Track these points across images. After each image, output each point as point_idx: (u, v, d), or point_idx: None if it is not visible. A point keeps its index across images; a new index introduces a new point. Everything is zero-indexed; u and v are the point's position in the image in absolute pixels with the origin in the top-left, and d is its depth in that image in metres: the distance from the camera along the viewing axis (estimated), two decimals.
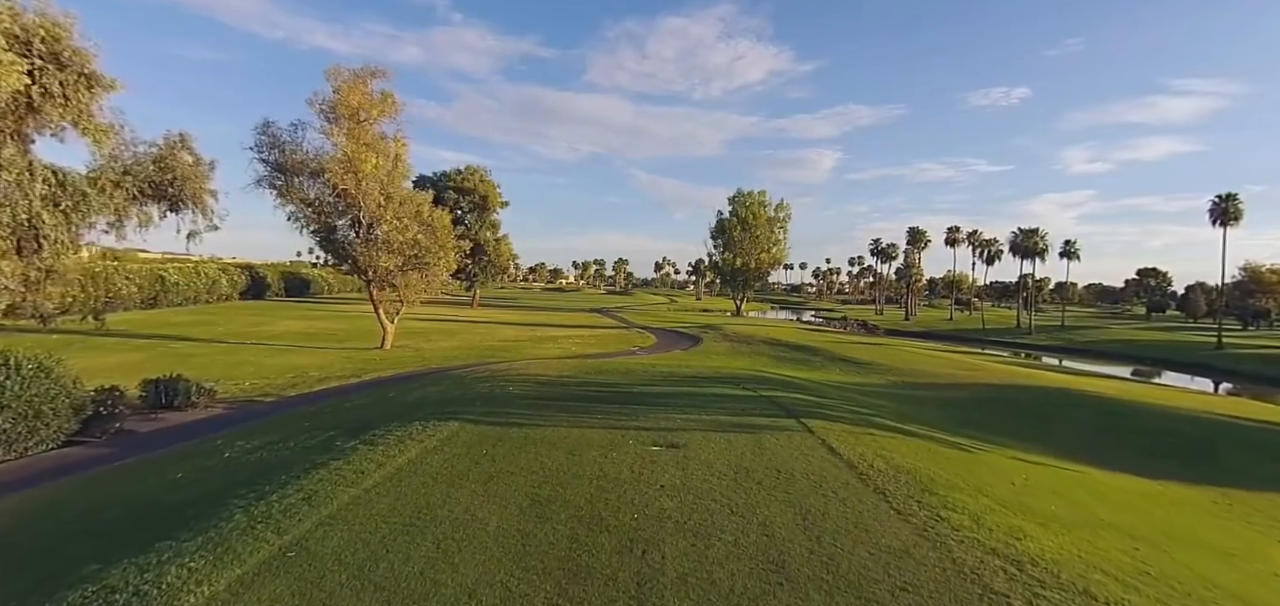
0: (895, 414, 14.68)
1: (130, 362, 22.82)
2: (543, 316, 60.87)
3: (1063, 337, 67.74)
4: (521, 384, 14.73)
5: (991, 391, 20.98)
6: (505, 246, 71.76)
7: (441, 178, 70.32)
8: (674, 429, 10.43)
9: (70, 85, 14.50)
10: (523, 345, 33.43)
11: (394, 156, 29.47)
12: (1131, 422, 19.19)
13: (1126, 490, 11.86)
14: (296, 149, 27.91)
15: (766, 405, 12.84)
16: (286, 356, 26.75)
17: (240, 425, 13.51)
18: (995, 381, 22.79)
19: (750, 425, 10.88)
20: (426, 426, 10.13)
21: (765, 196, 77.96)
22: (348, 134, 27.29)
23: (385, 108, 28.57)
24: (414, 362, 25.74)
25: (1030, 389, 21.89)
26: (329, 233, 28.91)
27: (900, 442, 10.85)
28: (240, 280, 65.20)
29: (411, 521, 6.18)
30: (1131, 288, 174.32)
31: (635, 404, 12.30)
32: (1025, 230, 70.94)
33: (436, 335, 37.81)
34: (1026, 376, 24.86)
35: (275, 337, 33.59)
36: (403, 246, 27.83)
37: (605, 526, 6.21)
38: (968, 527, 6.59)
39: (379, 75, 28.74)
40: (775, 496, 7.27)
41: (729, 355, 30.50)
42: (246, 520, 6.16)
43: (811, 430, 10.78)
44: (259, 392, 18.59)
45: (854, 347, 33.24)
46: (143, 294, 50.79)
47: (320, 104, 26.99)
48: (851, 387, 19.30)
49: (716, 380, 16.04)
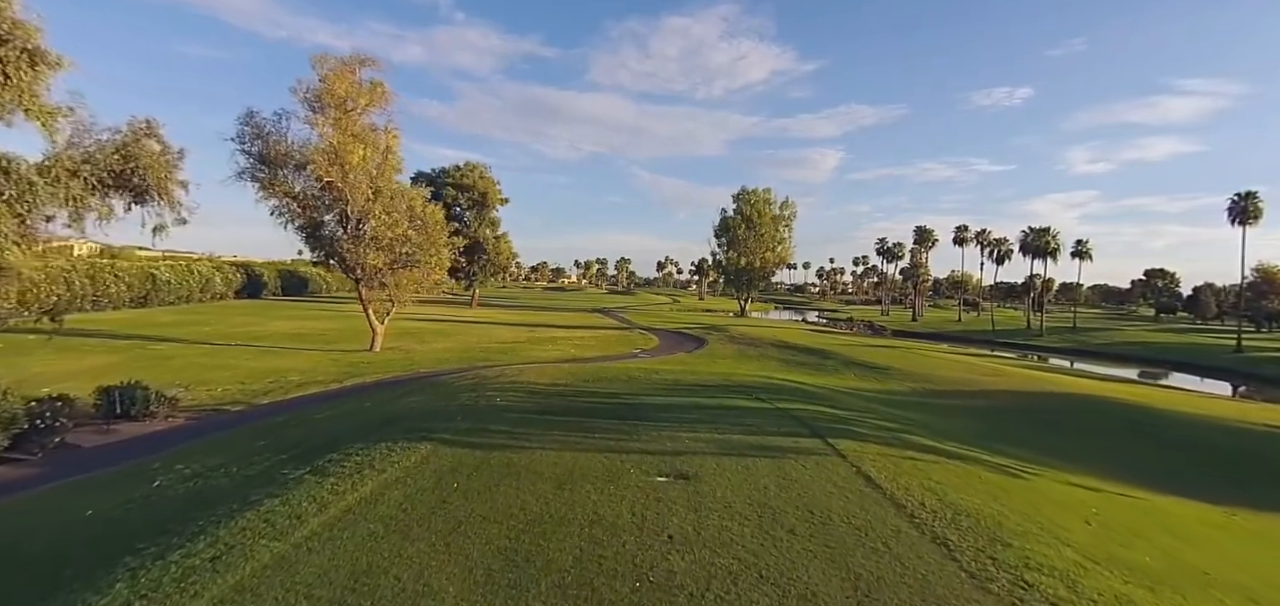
0: (925, 428, 13.17)
1: (104, 366, 21.41)
2: (542, 316, 59.41)
3: (1075, 339, 66.07)
4: (511, 393, 13.24)
5: (1017, 400, 19.47)
6: (505, 245, 70.28)
7: (440, 174, 68.90)
8: (682, 452, 8.94)
9: (10, 63, 13.07)
10: (520, 347, 31.96)
11: (384, 149, 28.01)
12: (1171, 434, 17.69)
13: (1200, 522, 10.35)
14: (280, 140, 26.47)
15: (785, 420, 11.35)
16: (269, 359, 25.32)
17: (191, 442, 12.04)
18: (1019, 388, 21.27)
19: (771, 447, 9.38)
20: (393, 449, 8.66)
21: (770, 194, 76.33)
22: (334, 124, 25.84)
23: (374, 97, 27.11)
24: (402, 366, 24.28)
25: (1056, 396, 20.38)
26: (315, 228, 27.46)
27: (943, 468, 9.35)
28: (235, 279, 63.81)
29: (341, 597, 4.70)
30: (1138, 288, 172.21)
31: (637, 419, 10.81)
32: (1036, 229, 69.23)
33: (431, 336, 36.38)
34: (1048, 382, 23.33)
35: (263, 338, 32.17)
36: (392, 244, 26.33)
37: (599, 602, 4.73)
38: (1065, 600, 5.11)
39: (368, 63, 27.31)
40: (813, 551, 5.77)
41: (736, 359, 28.99)
42: (127, 593, 4.69)
43: (841, 453, 9.28)
44: (229, 400, 17.14)
45: (866, 350, 31.72)
46: (132, 292, 49.50)
47: (305, 92, 25.55)
48: (872, 397, 17.81)
49: (726, 389, 14.54)
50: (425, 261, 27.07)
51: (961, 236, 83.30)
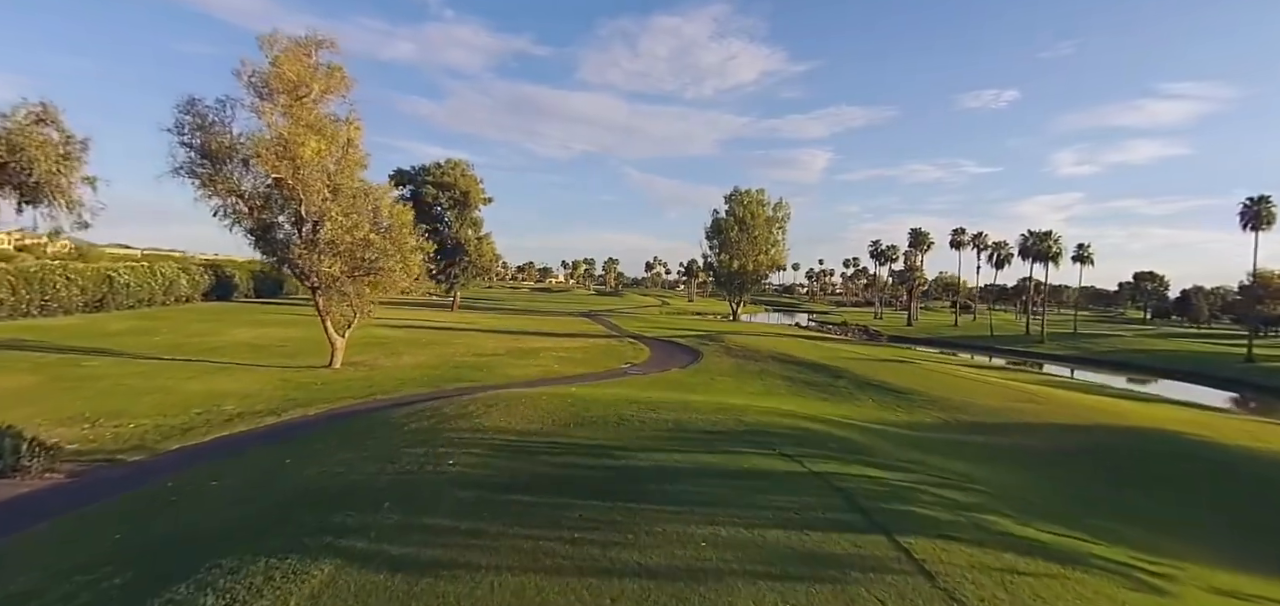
0: (996, 493, 10.49)
1: (10, 391, 18.27)
2: (526, 322, 56.36)
3: (1076, 346, 64.19)
4: (469, 449, 10.41)
5: (1072, 437, 16.93)
6: (488, 246, 67.17)
7: (420, 172, 65.70)
8: (700, 571, 6.16)
9: None
10: (497, 362, 29.04)
11: (345, 141, 24.96)
12: (1272, 479, 14.94)
13: None
14: (225, 131, 23.37)
15: (826, 493, 8.64)
16: (211, 379, 22.26)
17: (28, 528, 9.06)
18: (1065, 419, 18.74)
19: (823, 556, 6.63)
20: (276, 573, 5.82)
21: (764, 195, 73.99)
22: (285, 112, 22.79)
23: (332, 83, 24.08)
24: (360, 389, 21.31)
25: (1113, 432, 17.86)
26: (265, 230, 24.37)
27: (1064, 582, 6.66)
28: (203, 280, 60.10)
29: None
30: (1126, 291, 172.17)
31: (632, 498, 8.04)
32: (1037, 233, 67.27)
33: (402, 346, 33.34)
34: (1092, 409, 20.79)
35: (215, 352, 29.03)
36: (351, 249, 23.27)
37: None
38: None
39: (325, 45, 24.27)
40: None
41: (736, 376, 26.31)
42: None
43: (920, 562, 6.56)
44: (133, 443, 14.10)
45: (877, 366, 29.17)
46: (86, 297, 45.89)
47: (250, 76, 22.45)
48: (907, 437, 15.17)
49: (741, 438, 11.81)
50: (389, 269, 24.03)
51: (958, 240, 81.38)
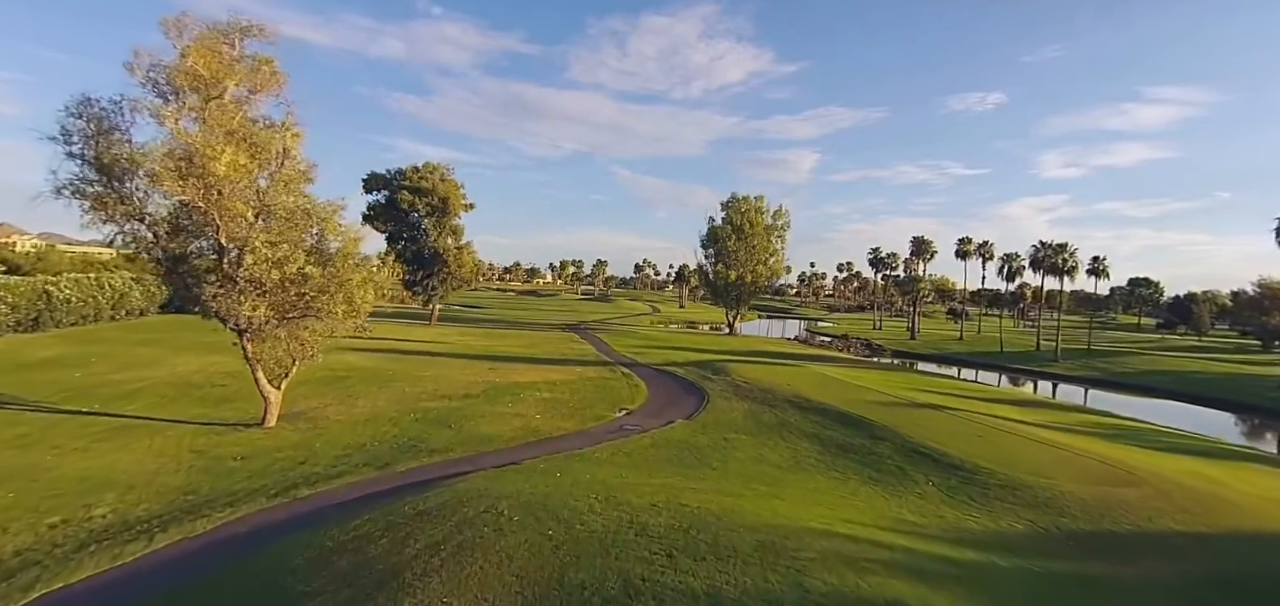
0: None
1: None
2: (508, 342, 51.71)
3: (1095, 367, 60.47)
4: None
5: (1205, 559, 12.91)
6: (468, 256, 62.41)
7: (396, 176, 60.80)
8: None
9: None
10: (470, 409, 24.58)
11: (281, 152, 20.33)
12: None
13: None
14: (125, 140, 18.74)
15: None
16: (101, 450, 17.73)
17: None
18: (1187, 526, 14.66)
19: None
20: None
21: (763, 202, 69.79)
22: (196, 116, 18.19)
23: (259, 79, 19.48)
24: (288, 467, 16.81)
25: (1250, 541, 13.88)
26: (176, 262, 19.72)
27: None
28: (159, 292, 54.75)
29: None
30: (1119, 296, 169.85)
31: None
32: (1051, 245, 63.57)
33: (360, 383, 28.81)
34: (1211, 500, 16.66)
35: (133, 395, 24.45)
36: (279, 285, 18.63)
37: None
38: None
39: (252, 32, 19.63)
40: None
41: (755, 434, 22.10)
42: None
43: None
44: None
45: (911, 416, 25.07)
46: (18, 315, 40.76)
47: (148, 70, 17.79)
48: (1015, 574, 11.00)
49: None
50: (330, 309, 19.40)
51: (964, 250, 77.65)
